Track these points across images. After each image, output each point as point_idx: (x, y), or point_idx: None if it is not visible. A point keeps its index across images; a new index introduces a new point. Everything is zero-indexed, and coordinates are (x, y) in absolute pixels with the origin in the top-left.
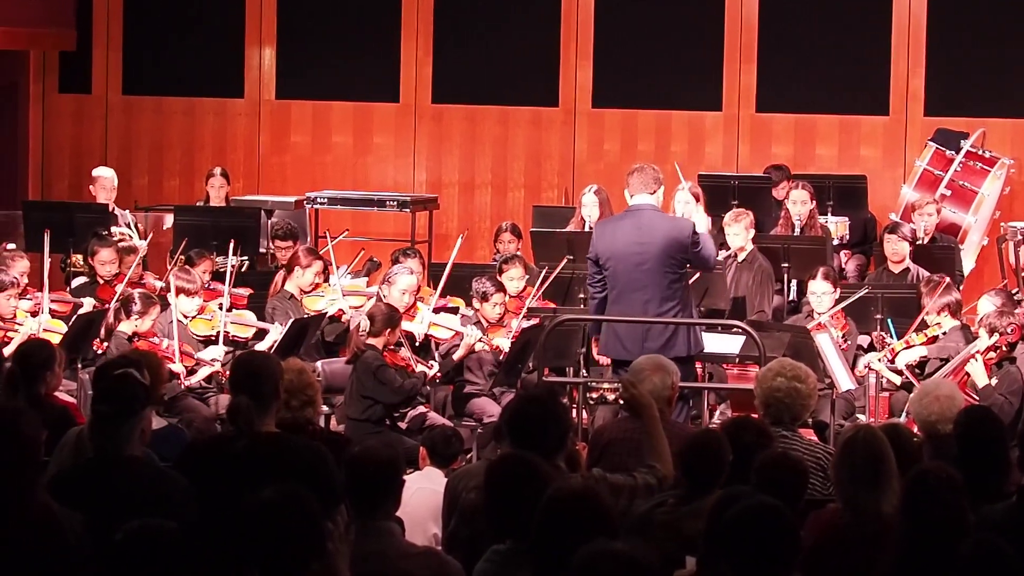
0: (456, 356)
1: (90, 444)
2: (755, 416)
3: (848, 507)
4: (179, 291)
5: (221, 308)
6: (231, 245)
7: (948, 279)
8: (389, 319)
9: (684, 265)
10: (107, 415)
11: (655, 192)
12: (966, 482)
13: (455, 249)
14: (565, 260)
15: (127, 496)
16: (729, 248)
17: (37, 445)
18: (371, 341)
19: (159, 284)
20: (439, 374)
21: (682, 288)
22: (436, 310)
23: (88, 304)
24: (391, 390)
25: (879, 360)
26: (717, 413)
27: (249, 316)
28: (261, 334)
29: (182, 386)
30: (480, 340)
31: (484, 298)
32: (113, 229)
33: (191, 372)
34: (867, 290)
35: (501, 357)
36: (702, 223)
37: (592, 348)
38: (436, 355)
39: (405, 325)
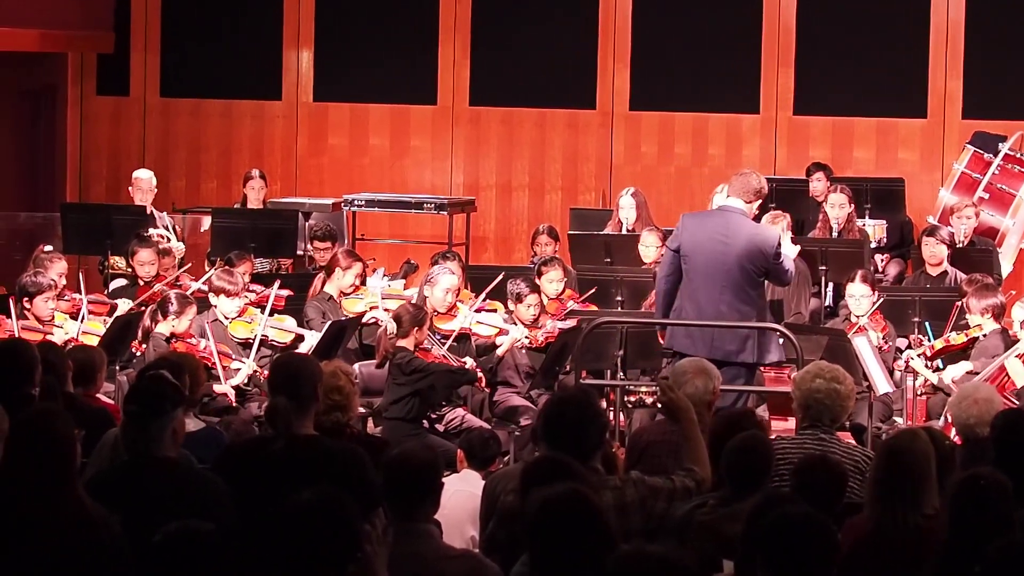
0: (501, 350)
1: (122, 444)
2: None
3: (881, 514)
4: (220, 291)
5: (263, 311)
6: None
7: (991, 281)
8: (415, 318)
9: (762, 273)
10: (136, 415)
11: (750, 203)
12: None
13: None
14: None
15: (163, 497)
16: None
17: (71, 445)
18: (401, 343)
19: (196, 285)
20: (480, 369)
21: (759, 296)
22: (476, 311)
23: (125, 305)
24: (440, 372)
25: (917, 356)
26: None
27: (289, 322)
28: (300, 340)
29: (219, 388)
30: (524, 338)
31: (519, 299)
32: (151, 231)
33: (227, 373)
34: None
35: (523, 350)
36: (789, 248)
37: (659, 338)
38: (475, 358)
39: (447, 324)
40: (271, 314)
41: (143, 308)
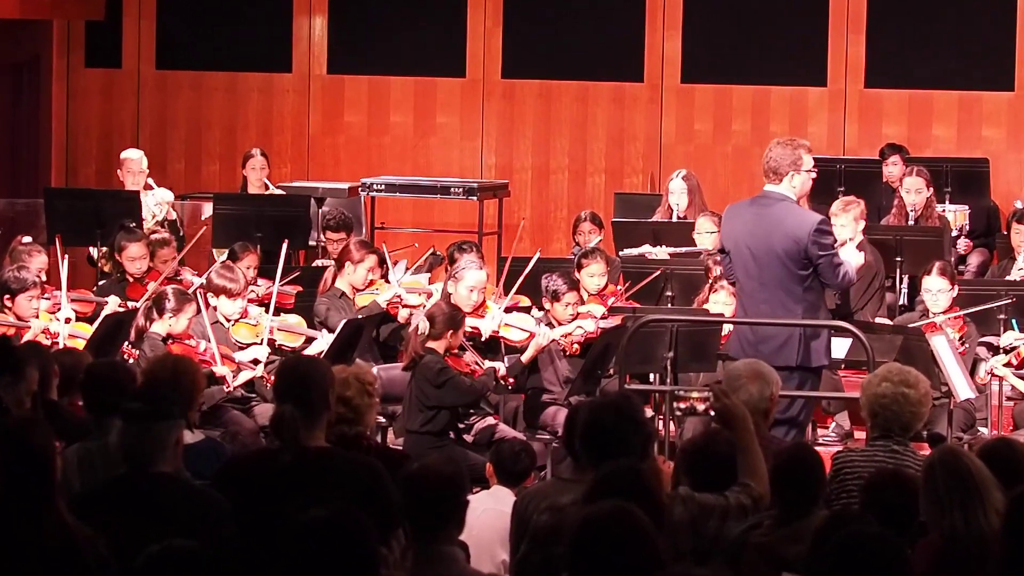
0: (525, 357)
1: (121, 453)
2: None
3: (940, 532)
4: (220, 291)
5: (267, 312)
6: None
7: None
8: (451, 319)
9: (807, 267)
10: (139, 417)
11: (787, 176)
12: None
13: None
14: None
15: (158, 517)
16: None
17: (51, 460)
18: (431, 345)
19: (198, 280)
20: (508, 377)
21: (807, 292)
22: (507, 310)
23: (113, 303)
24: (459, 391)
25: (1004, 365)
26: (833, 425)
27: (298, 323)
28: (311, 342)
29: (228, 388)
30: (553, 341)
31: (555, 297)
32: (144, 216)
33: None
34: (1006, 300)
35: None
36: (852, 254)
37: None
38: (504, 360)
39: (473, 322)
40: (276, 313)
41: (134, 307)
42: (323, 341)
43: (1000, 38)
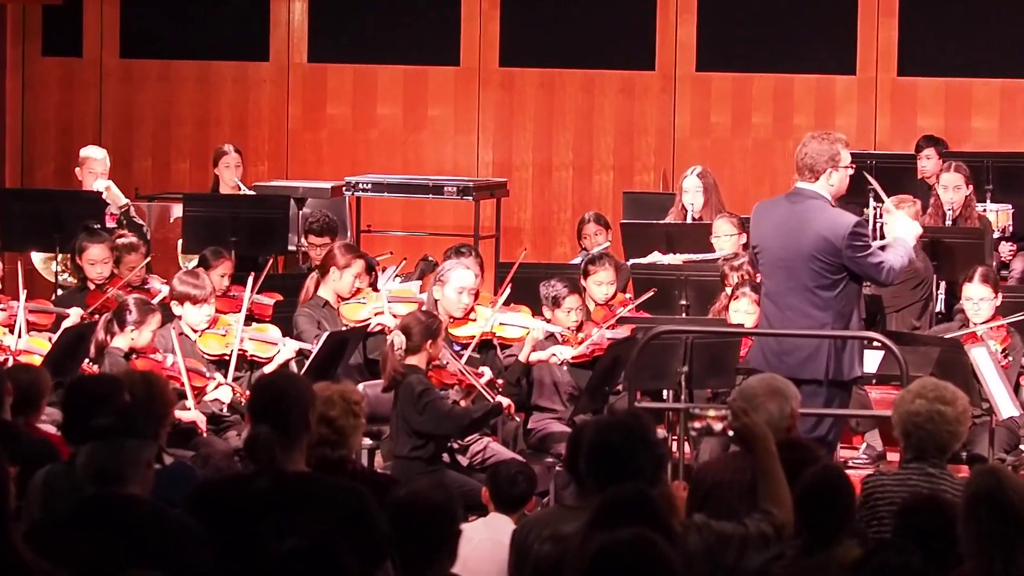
0: (522, 356)
1: (85, 476)
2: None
3: (977, 569)
4: (184, 298)
5: (239, 321)
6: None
7: None
8: (427, 329)
9: (839, 271)
10: (109, 433)
11: (823, 174)
12: None
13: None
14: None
15: (128, 543)
16: None
17: (3, 485)
18: (411, 361)
19: (166, 289)
20: (508, 380)
21: (838, 298)
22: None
23: (75, 315)
24: (440, 417)
25: None
26: (863, 446)
27: (273, 332)
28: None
29: (202, 432)
30: (551, 335)
31: (555, 304)
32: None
33: (198, 393)
34: None
35: (564, 367)
36: (903, 225)
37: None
38: (498, 357)
39: (464, 329)
40: (249, 322)
41: (95, 318)
42: (287, 350)
43: None
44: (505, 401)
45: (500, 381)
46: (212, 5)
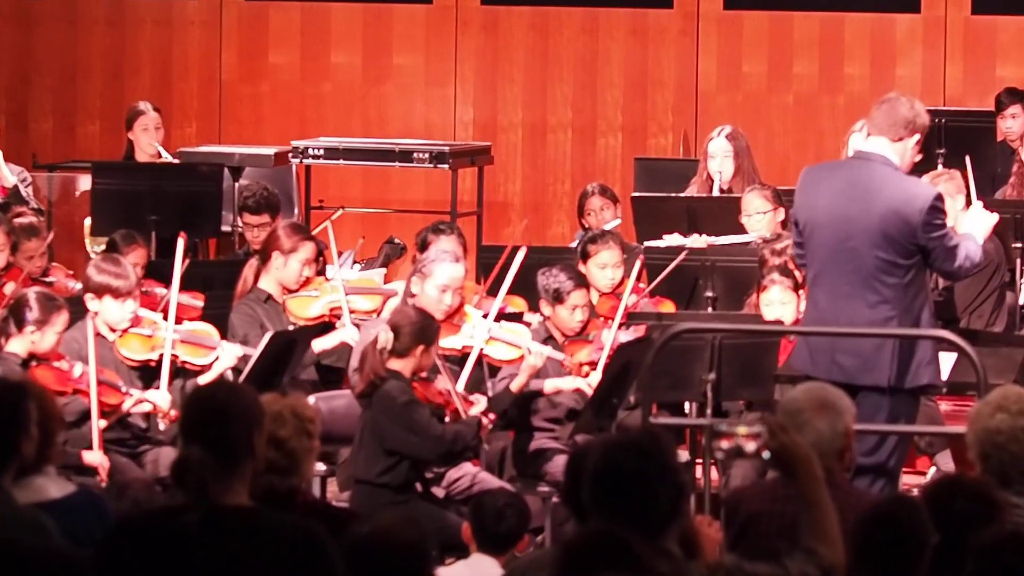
0: (515, 385)
1: None
2: (972, 473)
3: None
4: (103, 291)
5: (166, 319)
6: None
7: None
8: (422, 332)
9: (911, 255)
10: None
11: (902, 139)
12: None
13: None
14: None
15: None
16: None
17: None
18: (395, 365)
19: (75, 285)
20: (492, 416)
21: (907, 288)
22: (495, 318)
23: None
24: (425, 438)
25: None
26: (932, 471)
27: (210, 333)
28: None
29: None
30: (551, 358)
31: (557, 299)
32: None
33: (111, 413)
34: None
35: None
36: (976, 219)
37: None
38: (489, 385)
39: (452, 340)
40: (179, 322)
41: None
42: (228, 356)
43: None
44: (485, 420)
45: (492, 416)
46: None
